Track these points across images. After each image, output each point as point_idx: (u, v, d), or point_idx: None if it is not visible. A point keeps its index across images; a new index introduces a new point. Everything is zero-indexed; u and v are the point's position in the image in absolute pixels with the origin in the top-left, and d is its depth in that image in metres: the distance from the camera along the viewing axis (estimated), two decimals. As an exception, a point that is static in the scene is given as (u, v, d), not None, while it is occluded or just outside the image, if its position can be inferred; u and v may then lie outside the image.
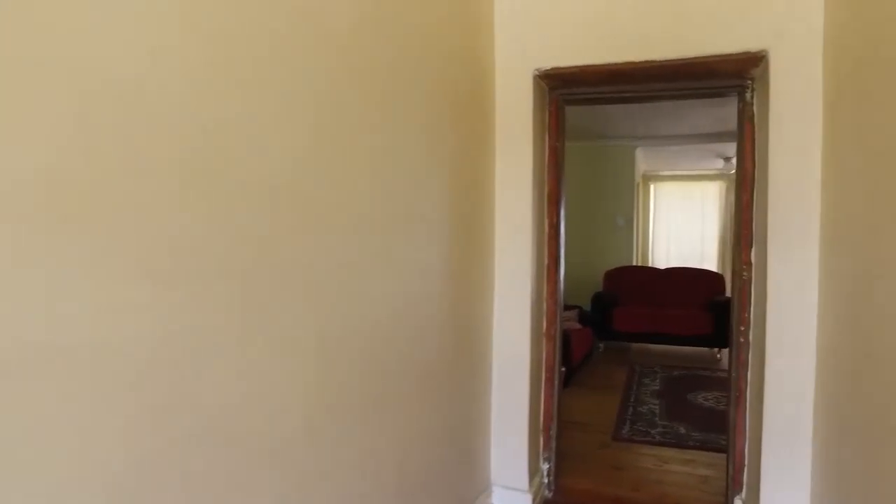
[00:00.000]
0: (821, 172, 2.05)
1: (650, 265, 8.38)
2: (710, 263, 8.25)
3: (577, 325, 5.50)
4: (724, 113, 5.58)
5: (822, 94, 2.05)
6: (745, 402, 2.41)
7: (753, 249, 2.36)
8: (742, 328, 2.40)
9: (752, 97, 2.40)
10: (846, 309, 1.83)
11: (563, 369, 4.35)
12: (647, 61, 2.29)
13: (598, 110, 5.65)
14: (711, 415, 4.03)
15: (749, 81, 2.39)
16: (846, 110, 1.86)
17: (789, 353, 2.09)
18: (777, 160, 2.11)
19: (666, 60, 2.27)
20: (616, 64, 2.33)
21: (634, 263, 6.97)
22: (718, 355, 5.80)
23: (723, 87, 2.49)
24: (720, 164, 7.58)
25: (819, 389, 2.04)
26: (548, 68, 2.45)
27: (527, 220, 2.51)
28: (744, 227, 2.40)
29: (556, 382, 2.80)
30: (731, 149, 6.84)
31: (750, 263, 2.38)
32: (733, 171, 7.73)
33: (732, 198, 8.39)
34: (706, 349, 5.99)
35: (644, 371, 5.20)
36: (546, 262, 2.76)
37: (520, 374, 2.57)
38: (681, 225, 8.45)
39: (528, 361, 2.56)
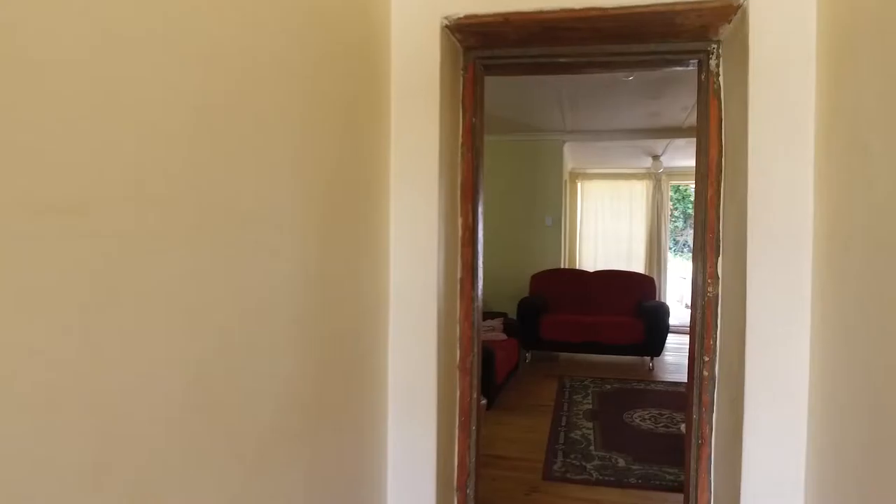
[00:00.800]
0: (815, 158, 1.54)
1: (578, 268, 8.05)
2: (638, 264, 8.02)
3: (502, 336, 4.97)
4: (658, 107, 5.23)
5: (815, 56, 1.55)
6: (709, 452, 1.89)
7: (721, 259, 1.85)
8: (706, 358, 1.88)
9: (717, 65, 1.88)
10: (852, 340, 1.33)
11: (484, 401, 3.80)
12: (589, 8, 1.71)
13: (525, 100, 5.14)
14: (651, 440, 3.58)
15: (714, 46, 1.88)
16: (851, 76, 1.36)
17: (775, 398, 1.58)
18: (759, 144, 1.59)
19: (614, 8, 1.70)
20: (550, 12, 1.74)
21: (562, 266, 6.55)
22: (650, 365, 5.45)
23: (681, 52, 1.96)
24: (648, 162, 7.33)
25: (815, 449, 1.53)
26: (461, 16, 1.82)
27: (432, 221, 1.88)
28: (708, 231, 1.88)
29: (475, 426, 2.19)
30: (660, 146, 6.56)
31: (717, 277, 1.86)
32: (662, 169, 7.52)
33: (660, 197, 8.23)
34: (637, 358, 5.64)
35: (575, 386, 4.73)
36: (459, 273, 2.14)
37: (424, 420, 1.93)
38: (608, 225, 8.17)
39: (434, 403, 1.93)
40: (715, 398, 1.87)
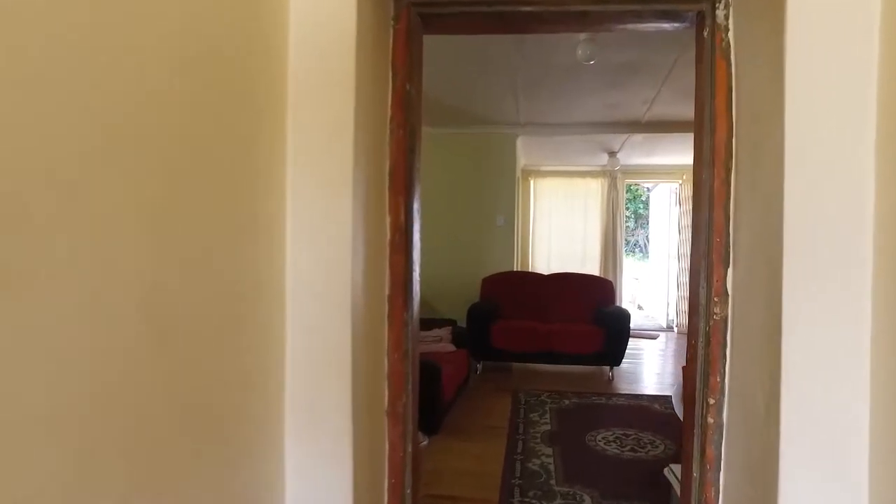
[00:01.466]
0: (877, 143, 1.11)
1: (531, 270, 7.66)
2: (593, 266, 7.70)
3: (451, 347, 4.48)
4: (617, 97, 4.85)
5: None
6: (714, 524, 1.45)
7: (732, 272, 1.40)
8: (711, 401, 1.44)
9: (726, 17, 1.44)
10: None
11: (425, 441, 3.32)
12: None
13: (475, 86, 4.67)
14: (619, 468, 3.16)
15: (721, -10, 1.43)
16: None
17: (824, 471, 1.13)
18: (803, 122, 1.15)
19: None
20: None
21: (515, 268, 6.12)
22: (610, 375, 5.08)
23: (678, 0, 1.51)
24: (604, 159, 7.00)
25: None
26: (386, -67, 1.31)
27: (343, 221, 1.35)
28: (715, 234, 1.43)
29: (409, 489, 1.68)
30: (617, 141, 6.23)
31: (725, 294, 1.41)
32: (618, 167, 7.22)
33: (615, 196, 7.94)
34: (596, 368, 5.27)
35: (530, 402, 4.29)
36: (387, 290, 1.62)
37: (335, 490, 1.40)
38: (562, 225, 7.82)
39: (349, 464, 1.40)
40: (723, 454, 1.43)
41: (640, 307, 11.37)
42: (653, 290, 10.53)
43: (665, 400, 4.33)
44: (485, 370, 5.24)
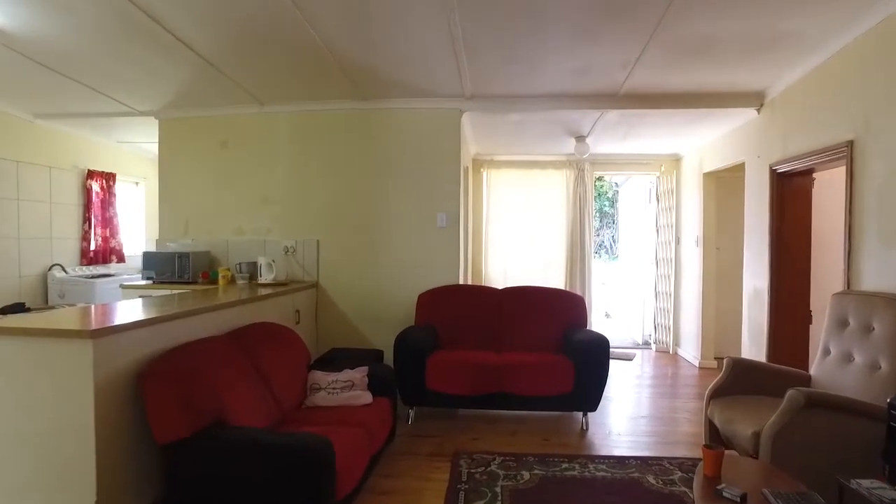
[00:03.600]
0: None
1: (483, 283, 6.45)
2: (557, 273, 6.55)
3: (366, 398, 3.20)
4: (589, 58, 3.66)
5: None
6: None
7: None
8: None
9: None
10: None
11: None
12: None
13: (401, 39, 3.41)
14: None
15: None
16: None
17: None
18: None
19: None
20: None
21: (462, 281, 4.89)
22: (584, 425, 3.89)
23: None
24: (570, 146, 5.85)
25: None
26: None
27: None
28: None
29: None
30: (587, 122, 5.06)
31: None
32: (587, 154, 6.04)
33: (583, 190, 6.81)
34: (565, 415, 4.08)
35: (476, 475, 3.06)
36: None
37: None
38: (521, 225, 6.63)
39: None
40: None
41: (607, 315, 10.34)
42: (623, 298, 9.49)
43: (662, 465, 3.17)
44: (419, 418, 3.99)
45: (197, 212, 5.01)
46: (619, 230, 11.99)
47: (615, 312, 10.07)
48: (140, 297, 4.30)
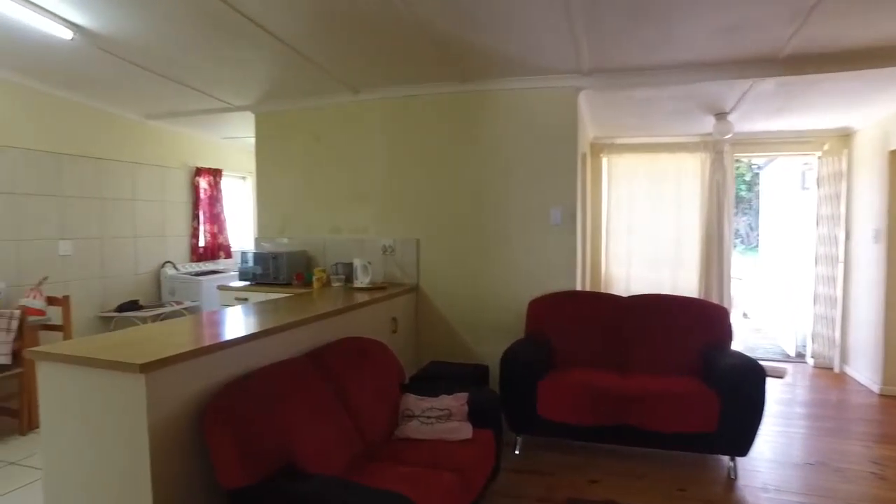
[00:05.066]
0: None
1: (604, 290, 5.77)
2: (689, 273, 5.71)
3: (465, 431, 2.77)
4: (743, 12, 2.93)
5: None
6: None
7: None
8: None
9: None
10: None
11: None
12: None
13: (514, 18, 2.89)
14: None
15: None
16: None
17: None
18: None
19: None
20: None
21: (580, 287, 4.29)
22: (732, 472, 3.19)
23: None
24: (707, 124, 5.00)
25: None
26: None
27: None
28: None
29: None
30: (732, 94, 4.22)
31: None
32: (729, 135, 5.11)
33: (721, 176, 5.87)
34: (706, 457, 3.38)
35: (595, 536, 2.52)
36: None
37: None
38: (647, 219, 5.85)
39: None
40: None
41: (745, 315, 9.13)
42: (765, 296, 8.30)
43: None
44: (528, 448, 3.50)
45: (293, 209, 4.85)
46: (759, 218, 10.58)
47: (755, 313, 8.86)
48: (225, 306, 4.20)
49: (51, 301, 4.15)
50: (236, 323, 2.76)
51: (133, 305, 5.07)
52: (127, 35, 3.43)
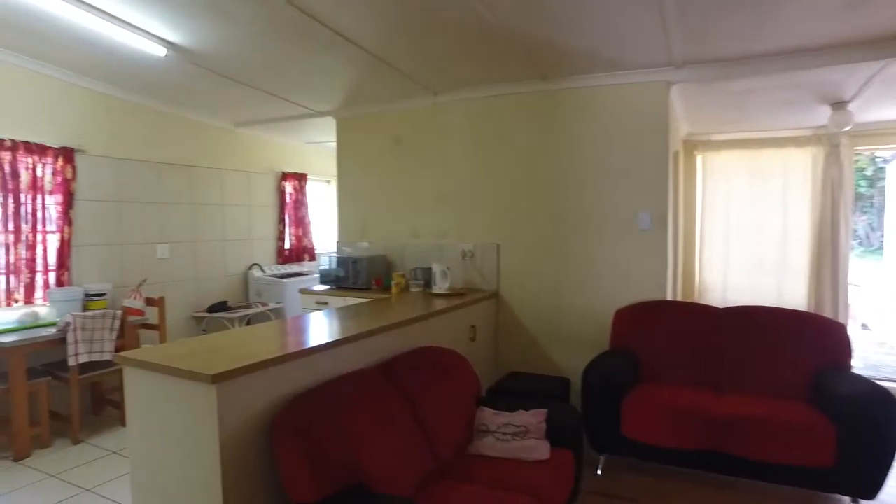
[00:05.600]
0: None
1: (697, 300, 5.39)
2: (795, 281, 5.20)
3: (542, 451, 2.63)
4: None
5: None
6: None
7: None
8: None
9: None
10: None
11: None
12: None
13: (598, 9, 2.73)
14: None
15: None
16: None
17: None
18: None
19: None
20: None
21: (670, 296, 4.01)
22: (852, 516, 2.84)
23: None
24: (822, 115, 4.52)
25: None
26: None
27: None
28: None
29: None
30: (855, 80, 3.77)
31: None
32: (848, 126, 4.61)
33: (838, 173, 5.30)
34: (820, 494, 3.02)
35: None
36: None
37: None
38: (749, 222, 5.39)
39: None
40: None
41: (865, 326, 8.25)
42: (889, 304, 7.45)
43: None
44: (610, 469, 3.30)
45: (373, 213, 4.89)
46: (884, 217, 9.53)
47: (878, 324, 7.97)
48: (306, 309, 4.29)
49: (148, 302, 4.43)
50: (312, 331, 2.78)
51: (222, 306, 5.32)
52: (216, 50, 3.58)
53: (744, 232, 5.37)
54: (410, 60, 3.74)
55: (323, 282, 4.70)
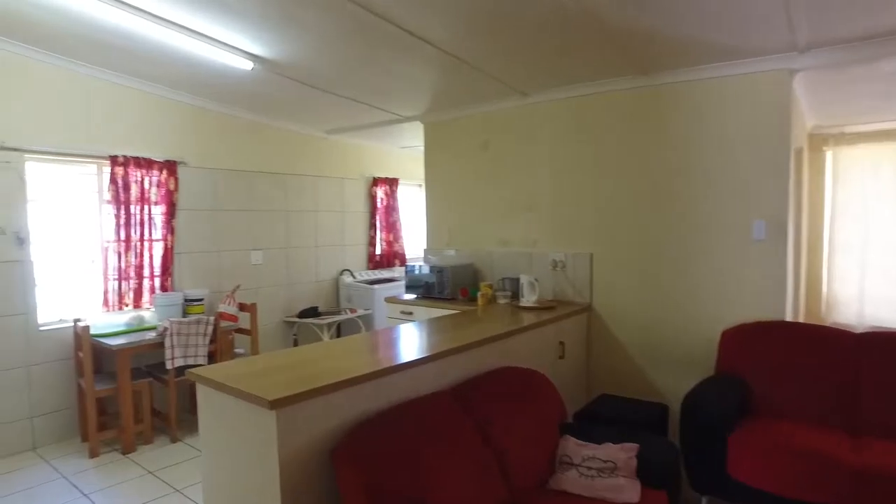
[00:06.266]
0: None
1: (824, 321, 4.76)
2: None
3: (631, 490, 2.36)
4: None
5: None
6: None
7: None
8: None
9: None
10: None
11: None
12: None
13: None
14: None
15: None
16: None
17: None
18: None
19: None
20: None
21: (790, 315, 3.52)
22: None
23: None
24: None
25: None
26: None
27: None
28: None
29: None
30: None
31: None
32: None
33: None
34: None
35: None
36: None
37: None
38: (888, 225, 4.67)
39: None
40: None
41: None
42: None
43: None
44: (714, 513, 2.93)
45: (461, 220, 4.77)
46: None
47: None
48: (391, 318, 4.25)
49: (241, 307, 4.60)
50: (387, 348, 2.70)
51: (313, 312, 5.44)
52: (298, 60, 3.63)
53: (885, 240, 4.66)
54: (496, 61, 3.57)
55: (409, 291, 4.65)
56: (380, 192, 6.44)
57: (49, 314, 4.02)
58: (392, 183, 6.57)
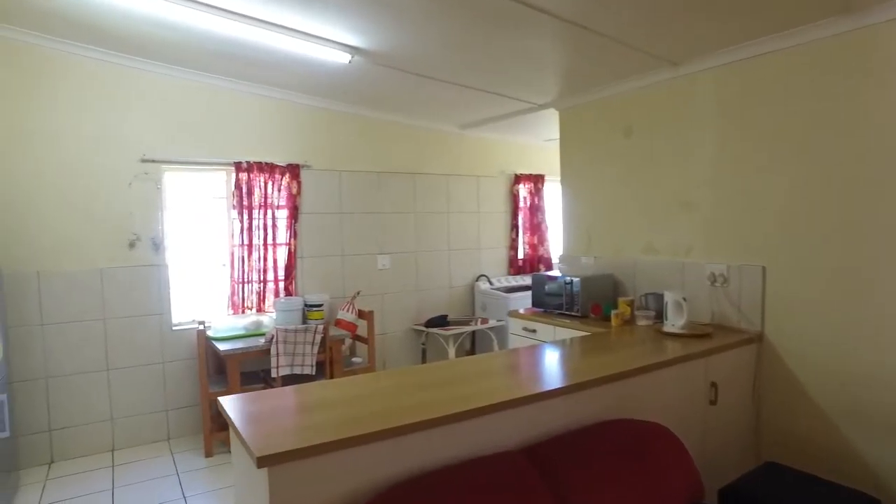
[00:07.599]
0: None
1: None
2: None
3: None
4: None
5: None
6: None
7: None
8: None
9: None
10: None
11: None
12: None
13: None
14: None
15: None
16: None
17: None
18: None
19: None
20: None
21: None
22: None
23: None
24: None
25: None
26: None
27: None
28: None
29: None
30: None
31: None
32: None
33: None
34: None
35: None
36: None
37: None
38: None
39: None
40: None
41: None
42: None
43: None
44: None
45: (601, 222, 4.07)
46: None
47: None
48: (514, 336, 3.71)
49: (359, 314, 4.43)
50: (466, 383, 2.21)
51: (441, 320, 5.12)
52: (403, 47, 3.31)
53: None
54: (630, 25, 2.85)
55: (535, 304, 4.08)
56: (523, 191, 5.91)
57: (182, 315, 4.23)
58: (537, 180, 6.00)
